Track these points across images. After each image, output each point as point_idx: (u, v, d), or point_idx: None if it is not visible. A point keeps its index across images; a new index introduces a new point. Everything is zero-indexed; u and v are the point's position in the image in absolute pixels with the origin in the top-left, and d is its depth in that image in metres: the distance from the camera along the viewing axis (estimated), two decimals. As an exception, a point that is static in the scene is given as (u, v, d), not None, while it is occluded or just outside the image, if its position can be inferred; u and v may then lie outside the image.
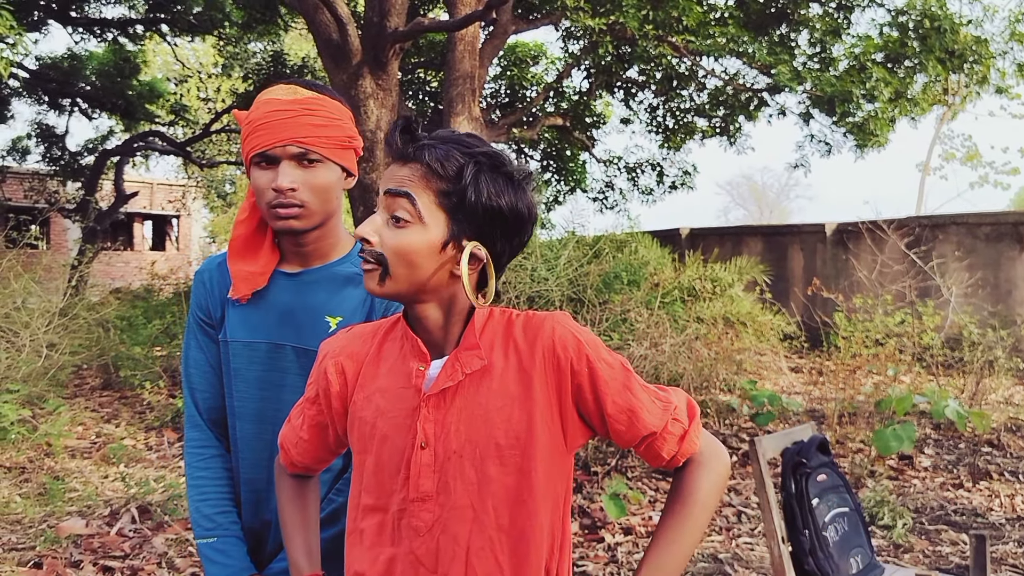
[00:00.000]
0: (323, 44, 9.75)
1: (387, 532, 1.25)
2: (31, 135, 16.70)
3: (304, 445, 1.40)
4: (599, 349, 1.25)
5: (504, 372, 1.23)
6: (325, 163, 1.50)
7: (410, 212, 1.19)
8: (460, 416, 1.22)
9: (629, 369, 1.26)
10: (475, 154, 1.20)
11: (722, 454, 1.30)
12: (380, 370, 1.30)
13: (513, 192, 1.22)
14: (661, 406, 1.26)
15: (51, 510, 4.38)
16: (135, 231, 28.17)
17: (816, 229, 11.91)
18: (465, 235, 1.21)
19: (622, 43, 11.79)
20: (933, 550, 4.12)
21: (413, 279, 1.20)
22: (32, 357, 5.85)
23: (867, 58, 10.96)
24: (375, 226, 1.22)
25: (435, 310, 1.25)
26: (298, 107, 1.48)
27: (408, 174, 1.20)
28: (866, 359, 7.25)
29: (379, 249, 1.20)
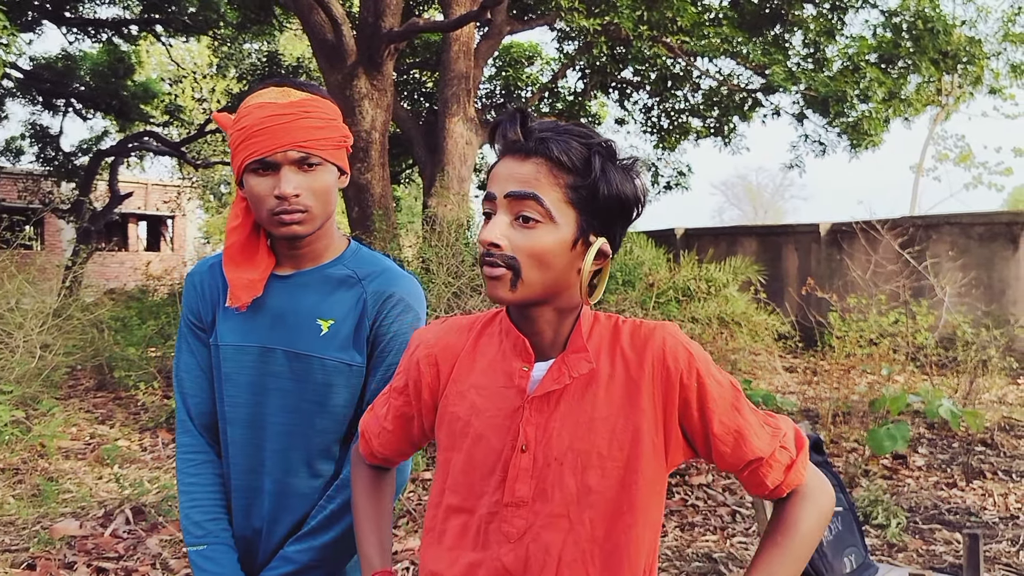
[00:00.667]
0: (318, 44, 9.74)
1: (471, 535, 1.20)
2: (25, 135, 16.67)
3: (387, 436, 1.37)
4: (709, 365, 1.20)
5: (611, 380, 1.19)
6: (324, 165, 1.48)
7: (539, 212, 1.13)
8: (563, 422, 1.18)
9: (739, 389, 1.21)
10: (595, 144, 1.16)
11: (828, 489, 1.25)
12: (476, 366, 1.26)
13: (632, 181, 1.18)
14: (770, 431, 1.21)
15: (45, 511, 4.37)
16: (130, 232, 28.11)
17: (811, 229, 11.93)
18: (593, 230, 1.16)
19: (617, 44, 11.80)
20: (927, 549, 4.13)
21: (546, 281, 1.15)
22: (26, 358, 5.84)
23: (861, 59, 10.99)
24: (502, 229, 1.14)
25: (550, 311, 1.20)
26: (295, 110, 1.45)
27: (532, 171, 1.13)
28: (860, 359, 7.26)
29: (510, 253, 1.13)
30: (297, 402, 1.53)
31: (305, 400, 1.53)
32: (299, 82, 1.52)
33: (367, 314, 1.55)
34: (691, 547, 4.14)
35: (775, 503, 1.24)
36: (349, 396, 1.55)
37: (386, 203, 10.01)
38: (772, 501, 1.24)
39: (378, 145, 9.91)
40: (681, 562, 3.95)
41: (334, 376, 1.53)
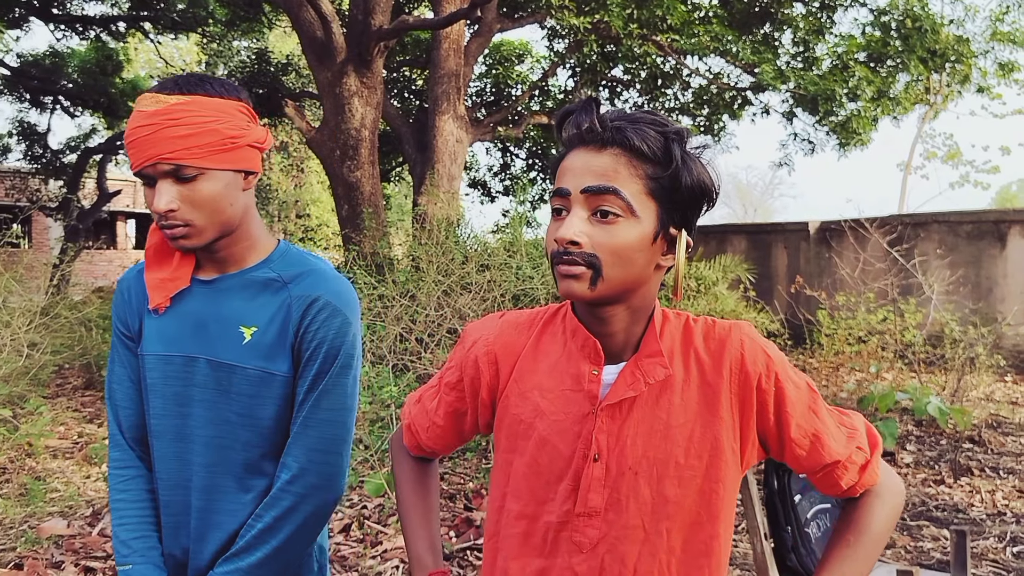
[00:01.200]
0: (307, 42, 9.71)
1: (535, 541, 1.17)
2: (12, 133, 16.56)
3: (437, 431, 1.33)
4: (787, 367, 1.16)
5: (686, 385, 1.14)
6: (206, 174, 1.35)
7: (620, 206, 1.07)
8: (637, 430, 1.13)
9: (815, 391, 1.18)
10: (672, 131, 1.10)
11: (899, 488, 1.23)
12: (539, 366, 1.21)
13: (709, 169, 1.13)
14: (846, 433, 1.19)
15: (32, 511, 4.34)
16: (118, 230, 27.98)
17: (800, 227, 11.98)
18: (672, 222, 1.12)
19: (607, 42, 11.81)
20: (915, 546, 4.15)
21: (627, 278, 1.10)
22: (12, 357, 5.80)
23: (850, 57, 11.03)
24: (583, 227, 1.07)
25: (624, 310, 1.14)
26: (160, 119, 1.32)
27: (609, 163, 1.07)
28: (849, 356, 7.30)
29: (590, 250, 1.07)
30: (223, 414, 1.44)
31: (231, 412, 1.44)
32: (185, 78, 1.39)
33: (291, 319, 1.45)
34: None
35: (845, 501, 1.23)
36: (276, 409, 1.45)
37: (376, 201, 9.99)
38: (843, 499, 1.23)
39: (368, 143, 9.88)
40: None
41: (259, 387, 1.43)
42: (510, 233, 7.56)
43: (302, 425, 1.44)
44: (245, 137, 1.40)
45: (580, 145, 1.10)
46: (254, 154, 1.43)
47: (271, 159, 26.42)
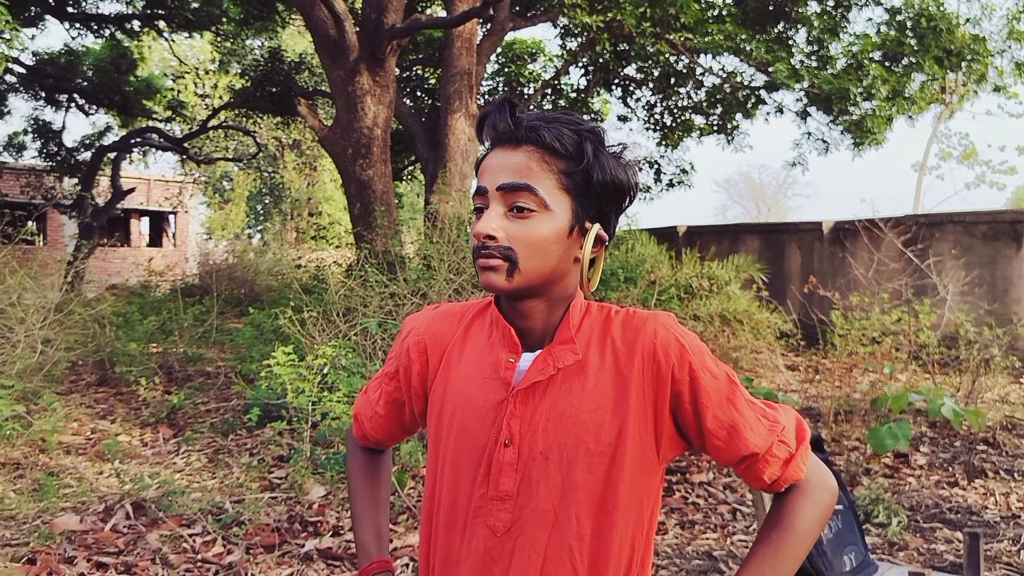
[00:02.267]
0: (320, 40, 9.73)
1: (458, 527, 1.19)
2: (28, 131, 16.67)
3: (379, 420, 1.36)
4: (704, 357, 1.16)
5: (599, 372, 1.16)
6: None
7: (534, 201, 1.11)
8: (549, 415, 1.15)
9: (735, 382, 1.17)
10: (585, 130, 1.14)
11: (829, 483, 1.21)
12: (465, 356, 1.24)
13: (623, 167, 1.17)
14: (767, 425, 1.17)
15: (45, 506, 4.36)
16: (132, 227, 28.13)
17: (813, 227, 11.91)
18: (588, 217, 1.15)
19: (620, 40, 11.79)
20: (928, 548, 4.12)
21: (543, 270, 1.13)
22: (27, 353, 5.84)
23: (865, 56, 10.97)
24: (499, 222, 1.12)
25: (542, 301, 1.18)
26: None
27: (524, 160, 1.12)
28: (862, 357, 7.25)
29: (506, 244, 1.11)
30: None
31: None
32: None
33: None
34: (691, 545, 4.13)
35: (774, 497, 1.21)
36: None
37: (388, 200, 10.00)
38: (772, 495, 1.21)
39: (380, 141, 9.89)
40: (681, 560, 3.94)
41: None
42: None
43: None
44: None
45: (497, 145, 1.15)
46: None
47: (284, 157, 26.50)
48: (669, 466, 5.40)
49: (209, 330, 8.39)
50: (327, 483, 4.61)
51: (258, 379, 5.62)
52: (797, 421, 1.21)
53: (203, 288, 12.82)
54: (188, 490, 4.47)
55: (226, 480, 4.88)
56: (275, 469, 5.03)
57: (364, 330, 5.72)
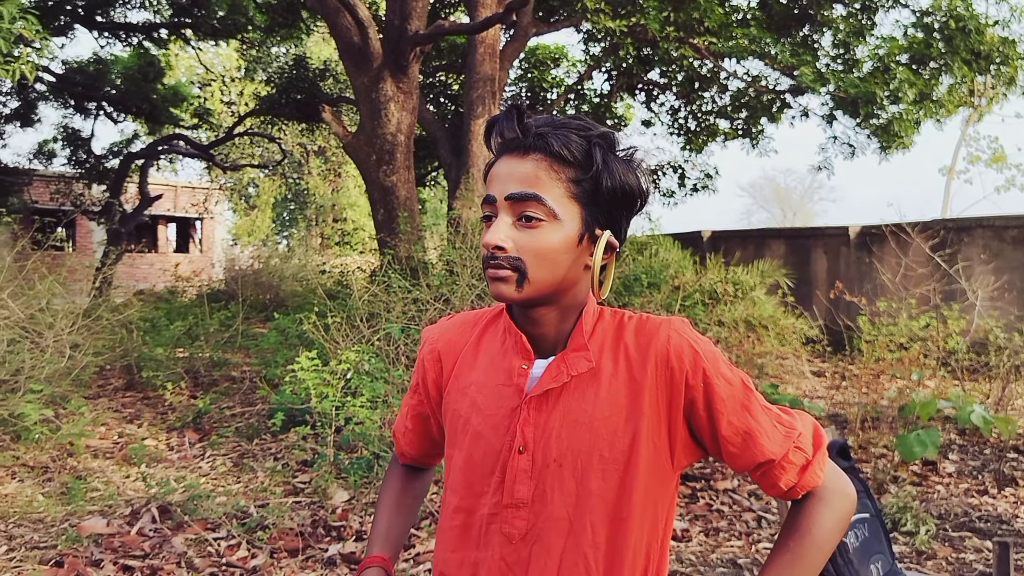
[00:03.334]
0: (344, 47, 9.79)
1: (472, 534, 1.19)
2: (57, 138, 16.92)
3: (410, 435, 1.38)
4: (718, 363, 1.15)
5: (613, 379, 1.15)
6: None
7: (543, 211, 1.10)
8: (563, 422, 1.14)
9: (750, 388, 1.16)
10: (595, 135, 1.14)
11: (848, 490, 1.18)
12: (478, 363, 1.24)
13: (634, 171, 1.16)
14: (783, 432, 1.15)
15: (73, 509, 4.41)
16: (159, 233, 28.45)
17: (840, 232, 11.80)
18: (598, 224, 1.14)
19: (643, 45, 11.76)
20: (956, 557, 4.06)
21: (553, 279, 1.13)
22: (56, 357, 5.91)
23: (891, 59, 10.87)
24: (508, 232, 1.11)
25: (554, 309, 1.17)
26: None
27: (532, 169, 1.11)
28: (890, 363, 7.17)
29: (515, 254, 1.11)
30: None
31: None
32: None
33: None
34: (716, 552, 4.10)
35: (791, 504, 1.19)
36: None
37: (411, 205, 10.03)
38: (788, 502, 1.19)
39: (403, 147, 9.93)
40: (706, 567, 3.91)
41: None
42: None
43: None
44: None
45: (505, 153, 1.14)
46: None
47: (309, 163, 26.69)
48: (693, 473, 5.37)
49: (235, 335, 8.46)
50: (351, 488, 4.62)
51: (283, 384, 5.65)
52: (814, 427, 1.19)
53: (229, 293, 12.94)
54: (213, 494, 4.50)
55: (251, 484, 4.91)
56: (299, 473, 5.05)
57: (387, 335, 5.74)
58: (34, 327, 6.09)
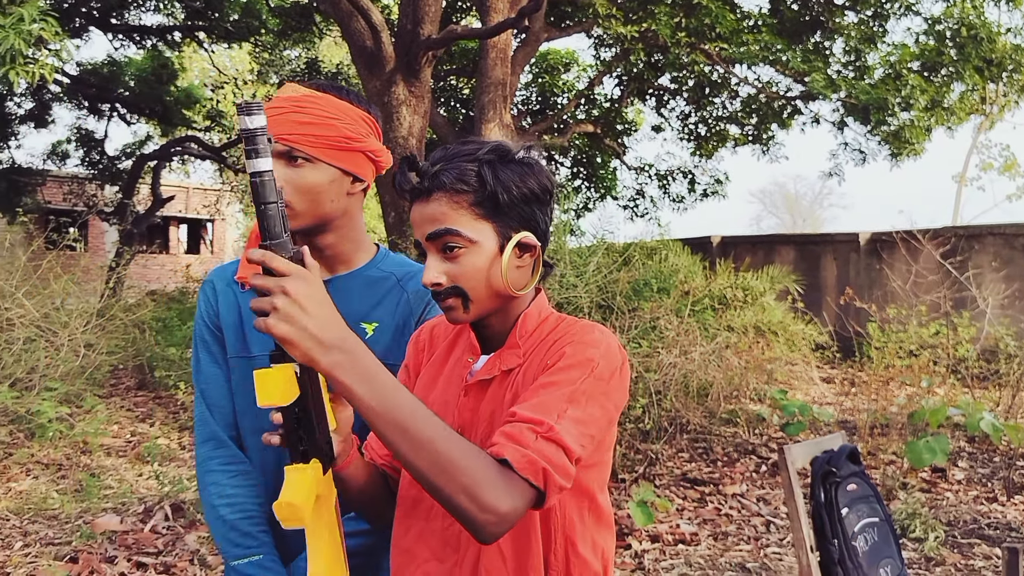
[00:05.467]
0: (357, 51, 9.84)
1: (422, 507, 1.27)
2: (71, 139, 17.03)
3: None
4: (580, 366, 1.15)
5: (526, 372, 1.23)
6: (314, 163, 1.42)
7: (459, 240, 1.19)
8: (490, 409, 1.24)
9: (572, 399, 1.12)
10: (482, 156, 1.21)
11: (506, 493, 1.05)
12: (449, 356, 1.35)
13: (532, 172, 1.23)
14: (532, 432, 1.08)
15: (87, 506, 4.46)
16: (171, 234, 28.59)
17: (850, 238, 11.79)
18: (512, 230, 1.22)
19: (654, 51, 11.80)
20: (966, 564, 4.06)
21: (493, 294, 1.22)
22: (70, 356, 5.97)
23: (903, 66, 10.85)
24: (436, 269, 1.21)
25: (499, 313, 1.27)
26: (288, 104, 1.42)
27: (436, 207, 1.19)
28: (899, 370, 7.16)
29: (452, 283, 1.20)
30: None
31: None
32: (322, 83, 1.48)
33: (413, 312, 1.56)
34: (724, 556, 4.11)
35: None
36: None
37: (422, 208, 10.07)
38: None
39: (415, 151, 9.96)
40: (714, 571, 3.92)
41: None
42: (554, 241, 7.57)
43: None
44: (361, 143, 1.46)
45: (414, 200, 1.23)
46: (365, 163, 1.49)
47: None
48: (702, 477, 5.38)
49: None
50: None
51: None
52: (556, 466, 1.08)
53: (240, 295, 12.98)
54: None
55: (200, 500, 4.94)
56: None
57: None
58: (49, 326, 6.15)
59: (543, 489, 1.07)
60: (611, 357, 1.19)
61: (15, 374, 5.52)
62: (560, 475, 1.07)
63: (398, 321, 1.54)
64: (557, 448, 1.08)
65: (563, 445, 1.09)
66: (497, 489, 1.03)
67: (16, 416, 5.54)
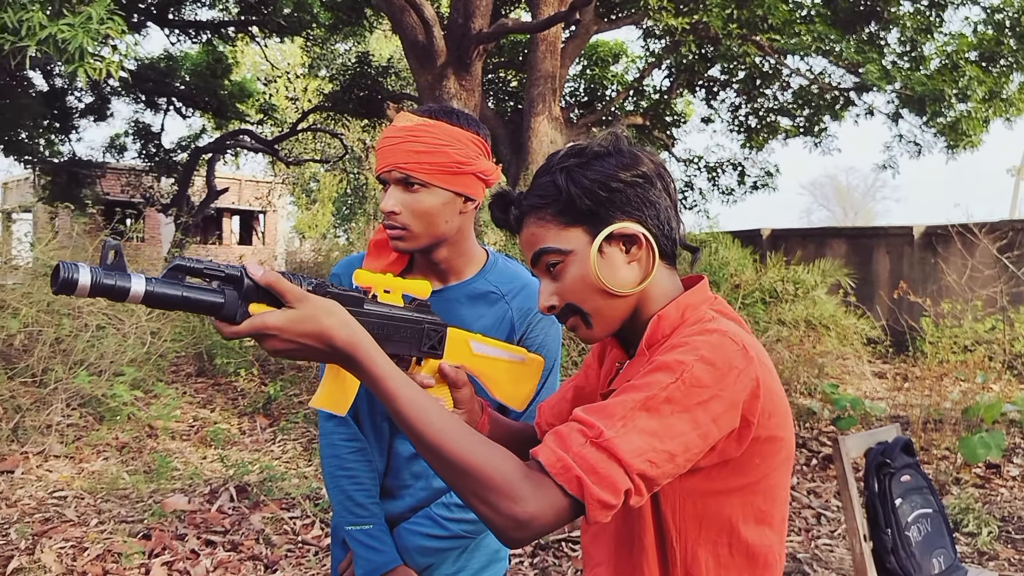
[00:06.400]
0: (409, 45, 9.97)
1: None
2: (128, 132, 17.49)
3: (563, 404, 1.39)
4: (668, 369, 1.02)
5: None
6: (428, 188, 1.52)
7: (555, 256, 1.16)
8: None
9: (649, 407, 1.00)
10: (554, 166, 1.17)
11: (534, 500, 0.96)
12: (604, 360, 1.34)
13: (616, 161, 1.15)
14: (579, 434, 1.00)
15: (156, 487, 4.65)
16: (224, 226, 29.16)
17: (903, 232, 11.63)
18: (604, 225, 1.14)
19: (705, 42, 11.73)
20: (1019, 559, 4.05)
21: (609, 300, 1.16)
22: (137, 344, 6.19)
23: (960, 57, 10.65)
24: (548, 290, 1.18)
25: (633, 320, 1.19)
26: (403, 134, 1.52)
27: (527, 232, 1.19)
28: (954, 365, 7.08)
29: (569, 302, 1.16)
30: None
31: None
32: (434, 109, 1.57)
33: (515, 330, 1.64)
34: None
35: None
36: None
37: (472, 201, 10.17)
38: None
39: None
40: (765, 561, 3.96)
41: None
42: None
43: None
44: (471, 165, 1.56)
45: (514, 231, 1.22)
46: (476, 183, 1.58)
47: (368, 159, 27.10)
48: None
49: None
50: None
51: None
52: (607, 480, 0.96)
53: (292, 285, 13.24)
54: (287, 475, 4.70)
55: (321, 467, 5.10)
56: (366, 460, 5.23)
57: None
58: (115, 314, 6.38)
59: (580, 499, 0.95)
60: (718, 361, 1.03)
61: (87, 360, 5.75)
62: (602, 487, 0.95)
63: (500, 335, 1.60)
64: (607, 457, 0.96)
65: (615, 455, 0.96)
66: (517, 493, 0.95)
67: (86, 400, 5.78)
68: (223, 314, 0.99)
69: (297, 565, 3.76)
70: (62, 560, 3.70)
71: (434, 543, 1.62)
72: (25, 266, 7.11)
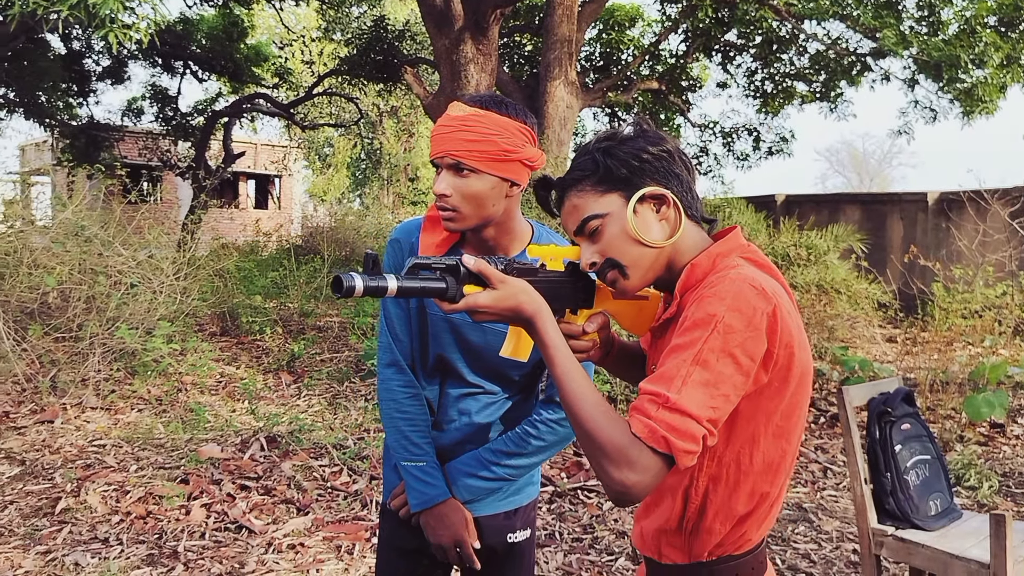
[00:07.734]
0: (427, 9, 10.02)
1: None
2: (145, 96, 17.57)
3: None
4: (703, 324, 1.19)
5: (682, 324, 1.26)
6: (478, 174, 1.66)
7: (596, 222, 1.33)
8: (663, 350, 1.28)
9: (698, 361, 1.17)
10: (592, 146, 1.35)
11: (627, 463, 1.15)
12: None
13: (644, 141, 1.33)
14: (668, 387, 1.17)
15: (189, 436, 4.87)
16: (240, 189, 29.33)
17: (918, 198, 11.68)
18: (637, 188, 1.32)
19: (721, 6, 11.72)
20: (1018, 511, 4.21)
21: (643, 252, 1.32)
22: (168, 301, 6.40)
23: (978, 22, 10.61)
24: (588, 251, 1.35)
25: (667, 272, 1.36)
26: (456, 123, 1.66)
27: (570, 206, 1.35)
28: (963, 330, 7.21)
29: (612, 260, 1.32)
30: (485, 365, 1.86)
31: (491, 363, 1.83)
32: (485, 98, 1.71)
33: None
34: (782, 497, 4.33)
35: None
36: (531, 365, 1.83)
37: (489, 165, 10.26)
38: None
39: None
40: (772, 510, 4.14)
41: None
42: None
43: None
44: (518, 153, 1.70)
45: (555, 208, 1.42)
46: (522, 169, 1.73)
47: (383, 124, 27.15)
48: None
49: (321, 286, 8.90)
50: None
51: (372, 334, 6.02)
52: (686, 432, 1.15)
53: (307, 249, 13.45)
54: (316, 426, 4.90)
55: (345, 421, 5.31)
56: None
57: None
58: (145, 273, 6.58)
59: (670, 453, 1.14)
60: (741, 307, 1.20)
61: (122, 316, 5.96)
62: (683, 439, 1.13)
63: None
64: (681, 415, 1.14)
65: (686, 412, 1.14)
66: (624, 460, 1.13)
67: (120, 355, 6.00)
68: (447, 296, 1.27)
69: (327, 508, 3.97)
70: (107, 502, 3.93)
71: (480, 483, 1.82)
72: (53, 227, 7.31)
